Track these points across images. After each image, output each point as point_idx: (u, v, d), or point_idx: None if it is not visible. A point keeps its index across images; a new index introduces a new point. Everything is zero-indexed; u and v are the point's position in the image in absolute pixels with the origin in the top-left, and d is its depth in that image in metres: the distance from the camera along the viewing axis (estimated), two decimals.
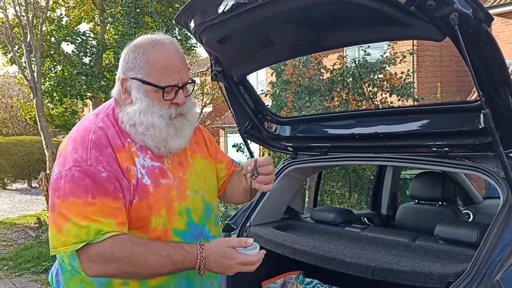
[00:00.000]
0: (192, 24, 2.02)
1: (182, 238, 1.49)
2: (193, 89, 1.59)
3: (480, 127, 1.86)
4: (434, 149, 2.10)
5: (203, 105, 19.72)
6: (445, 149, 2.06)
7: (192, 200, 1.55)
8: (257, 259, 1.42)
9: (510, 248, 1.60)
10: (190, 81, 1.53)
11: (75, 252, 1.38)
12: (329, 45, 2.33)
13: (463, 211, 3.74)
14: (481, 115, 1.68)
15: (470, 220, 3.81)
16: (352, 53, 12.04)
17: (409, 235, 2.36)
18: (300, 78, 8.45)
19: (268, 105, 8.56)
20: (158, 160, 1.51)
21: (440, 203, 2.89)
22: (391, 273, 1.86)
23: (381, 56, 9.21)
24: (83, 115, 23.19)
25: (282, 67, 8.92)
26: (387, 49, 9.78)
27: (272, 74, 9.52)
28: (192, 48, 12.91)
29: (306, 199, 7.75)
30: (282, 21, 1.86)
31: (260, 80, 16.56)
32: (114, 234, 1.35)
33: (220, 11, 1.79)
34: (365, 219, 3.69)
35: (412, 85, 9.63)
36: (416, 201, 3.05)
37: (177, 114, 1.50)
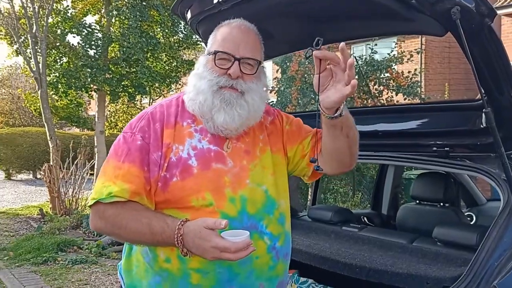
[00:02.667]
0: (188, 15, 1.99)
1: (230, 225, 1.35)
2: (257, 70, 1.52)
3: (481, 126, 1.81)
4: (434, 148, 2.05)
5: None
6: (446, 148, 2.01)
7: (251, 190, 1.50)
8: (234, 247, 1.25)
9: (509, 252, 1.55)
10: (250, 58, 1.48)
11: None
12: (329, 39, 2.28)
13: (466, 213, 3.68)
14: (483, 114, 1.63)
15: (472, 222, 3.76)
16: (360, 51, 11.95)
17: (407, 236, 2.31)
18: (305, 75, 8.39)
19: (273, 101, 8.51)
20: (217, 144, 1.50)
21: (441, 204, 2.83)
22: (385, 275, 1.82)
23: (388, 54, 9.11)
24: (90, 107, 23.26)
25: (288, 64, 8.85)
26: (395, 47, 9.69)
27: (277, 71, 9.44)
28: (198, 43, 12.86)
29: (309, 197, 7.71)
30: (280, 13, 1.82)
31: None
32: (121, 201, 1.39)
33: (216, 1, 1.76)
34: (365, 218, 3.64)
35: (419, 84, 9.53)
36: (418, 201, 2.99)
37: (227, 85, 1.46)
